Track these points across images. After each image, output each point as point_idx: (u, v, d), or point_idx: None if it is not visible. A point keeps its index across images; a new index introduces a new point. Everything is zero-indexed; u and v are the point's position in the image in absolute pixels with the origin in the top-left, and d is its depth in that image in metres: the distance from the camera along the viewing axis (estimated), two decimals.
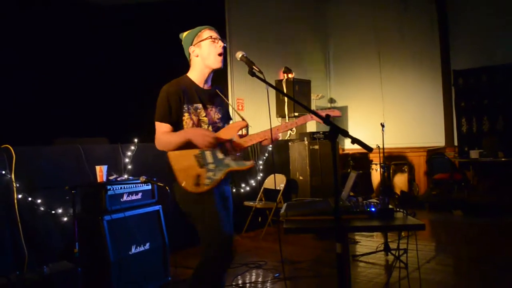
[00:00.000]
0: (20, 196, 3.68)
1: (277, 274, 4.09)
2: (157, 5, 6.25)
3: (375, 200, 2.74)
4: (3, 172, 3.64)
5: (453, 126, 8.21)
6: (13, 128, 4.45)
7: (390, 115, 8.73)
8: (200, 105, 2.51)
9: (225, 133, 2.51)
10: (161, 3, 6.31)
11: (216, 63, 2.54)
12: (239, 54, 2.42)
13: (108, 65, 5.51)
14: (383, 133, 5.37)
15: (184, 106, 2.46)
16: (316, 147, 6.22)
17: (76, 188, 3.10)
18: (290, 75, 7.48)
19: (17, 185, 3.67)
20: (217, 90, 2.65)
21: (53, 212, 3.86)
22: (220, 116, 2.61)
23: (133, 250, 3.51)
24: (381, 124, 5.41)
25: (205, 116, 2.52)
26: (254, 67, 2.35)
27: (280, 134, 2.58)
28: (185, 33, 2.61)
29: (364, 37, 9.25)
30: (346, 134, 1.90)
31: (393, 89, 8.89)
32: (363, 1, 9.22)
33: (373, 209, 2.42)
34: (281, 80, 7.38)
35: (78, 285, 2.92)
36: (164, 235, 3.81)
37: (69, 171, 4.04)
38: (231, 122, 2.69)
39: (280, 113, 7.28)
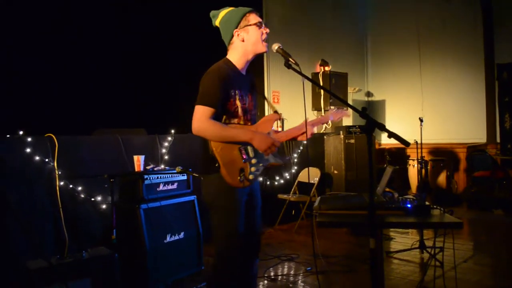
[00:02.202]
0: (62, 183, 3.82)
1: (309, 268, 4.09)
2: None
3: (411, 196, 2.69)
4: (46, 160, 3.78)
5: (495, 122, 7.91)
6: (56, 118, 4.60)
7: (429, 110, 8.51)
8: (241, 92, 2.41)
9: (262, 127, 2.46)
10: None
11: (263, 47, 2.42)
12: (275, 46, 2.39)
13: (147, 56, 5.60)
14: (421, 128, 5.24)
15: (231, 91, 2.34)
16: (352, 141, 6.15)
17: (114, 177, 3.20)
18: (326, 68, 7.41)
19: (59, 172, 3.81)
20: (252, 78, 2.56)
21: (92, 199, 4.00)
22: (254, 104, 2.52)
23: (168, 239, 3.59)
24: (419, 118, 5.28)
25: (245, 103, 2.43)
26: (290, 59, 2.30)
27: (315, 129, 2.53)
28: (223, 12, 2.47)
29: (403, 29, 9.03)
30: (383, 127, 1.87)
31: (433, 83, 8.64)
32: None
33: (409, 206, 2.38)
34: (318, 73, 7.31)
35: (115, 270, 3.02)
36: (199, 225, 3.88)
37: (108, 160, 4.16)
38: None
39: (316, 106, 7.22)
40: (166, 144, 4.65)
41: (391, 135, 1.82)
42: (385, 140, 9.01)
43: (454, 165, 8.00)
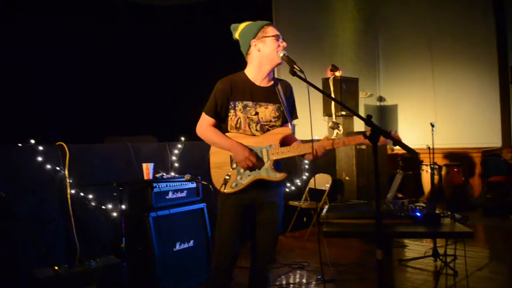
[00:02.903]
0: (73, 191, 3.86)
1: (320, 276, 4.04)
2: (205, 3, 6.34)
3: (421, 204, 2.64)
4: (57, 168, 3.82)
5: (510, 126, 7.77)
6: (67, 126, 4.66)
7: (442, 114, 8.40)
8: (250, 103, 2.45)
9: (268, 138, 2.45)
10: (209, 1, 6.39)
11: (278, 59, 2.46)
12: (280, 53, 2.41)
13: (157, 64, 5.65)
14: (432, 133, 5.17)
15: (231, 103, 2.45)
16: (363, 147, 6.10)
17: (123, 185, 3.21)
18: (337, 73, 7.35)
19: (70, 180, 3.85)
20: (276, 88, 2.52)
21: (103, 207, 4.02)
22: (277, 114, 2.50)
23: (178, 247, 3.59)
24: (430, 124, 5.21)
25: (255, 114, 2.46)
26: (295, 66, 2.30)
27: (324, 153, 2.40)
28: (242, 25, 2.55)
29: (415, 33, 8.94)
30: (388, 135, 1.84)
31: (446, 87, 8.53)
32: None
33: (418, 214, 2.34)
34: (328, 79, 7.27)
35: (123, 279, 3.02)
36: (208, 232, 3.87)
37: (119, 168, 4.18)
38: (288, 125, 2.56)
39: (327, 112, 7.17)
40: (176, 151, 4.66)
41: (397, 143, 1.80)
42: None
43: (469, 170, 7.87)
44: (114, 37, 5.28)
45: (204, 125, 2.50)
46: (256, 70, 2.50)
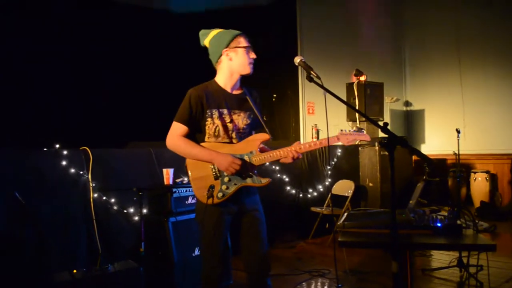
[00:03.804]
0: (96, 195, 3.92)
1: (340, 285, 3.98)
2: (228, 11, 6.37)
3: (443, 213, 2.57)
4: (81, 172, 3.90)
5: None
6: (91, 131, 4.75)
7: (471, 119, 8.18)
8: (225, 110, 2.45)
9: (246, 145, 2.45)
10: (233, 9, 6.42)
11: (248, 69, 2.48)
12: (297, 59, 2.37)
13: (179, 70, 5.70)
14: (458, 140, 5.04)
15: (208, 111, 2.42)
16: (387, 152, 5.98)
17: (143, 190, 3.25)
18: (361, 78, 7.26)
19: (93, 184, 3.91)
20: (247, 97, 2.54)
21: (125, 211, 4.07)
22: (248, 122, 2.52)
23: (196, 252, 3.60)
24: (456, 130, 5.08)
25: (230, 122, 2.46)
26: (312, 72, 2.28)
27: (300, 154, 2.42)
28: (213, 32, 2.54)
29: (443, 36, 8.74)
30: (404, 144, 1.80)
31: (475, 92, 8.29)
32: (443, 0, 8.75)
33: (439, 224, 2.27)
34: (352, 83, 7.19)
35: (140, 284, 3.05)
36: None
37: (141, 173, 4.23)
38: (253, 133, 2.56)
39: (351, 117, 7.09)
40: None
41: (414, 152, 1.75)
42: (425, 151, 8.71)
43: (498, 177, 7.63)
44: (134, 42, 5.36)
45: (176, 136, 2.40)
46: (227, 79, 2.51)
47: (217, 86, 2.51)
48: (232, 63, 2.48)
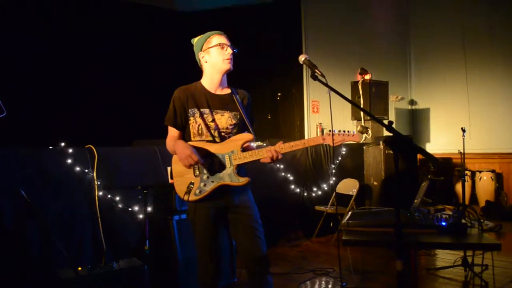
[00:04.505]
0: (100, 193, 3.94)
1: (345, 284, 3.98)
2: (233, 10, 6.38)
3: (448, 213, 2.56)
4: (86, 170, 3.91)
5: None
6: (97, 130, 4.77)
7: (476, 118, 8.13)
8: (207, 110, 2.50)
9: (229, 145, 2.46)
10: (238, 8, 6.43)
11: (225, 65, 2.51)
12: (301, 58, 2.38)
13: (185, 69, 5.71)
14: (463, 139, 5.01)
15: (190, 111, 2.50)
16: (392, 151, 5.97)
17: (147, 188, 3.25)
18: (366, 77, 7.25)
19: (98, 182, 3.93)
20: (233, 96, 2.57)
21: (130, 209, 4.08)
22: (234, 122, 2.54)
23: None
24: (461, 128, 5.06)
25: (212, 121, 2.49)
26: (316, 70, 2.28)
27: (281, 154, 2.42)
28: (196, 38, 2.63)
29: (448, 35, 8.70)
30: (408, 143, 1.79)
31: (480, 91, 8.24)
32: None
33: (443, 224, 2.27)
34: (357, 82, 7.18)
35: (145, 282, 3.06)
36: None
37: (145, 171, 4.24)
38: (238, 134, 2.56)
39: (356, 116, 7.09)
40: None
41: (419, 151, 1.75)
42: (430, 150, 8.68)
43: (503, 176, 7.60)
44: (150, 40, 5.37)
45: (168, 138, 2.54)
46: (209, 80, 2.57)
47: (201, 87, 2.58)
48: (207, 65, 2.56)
